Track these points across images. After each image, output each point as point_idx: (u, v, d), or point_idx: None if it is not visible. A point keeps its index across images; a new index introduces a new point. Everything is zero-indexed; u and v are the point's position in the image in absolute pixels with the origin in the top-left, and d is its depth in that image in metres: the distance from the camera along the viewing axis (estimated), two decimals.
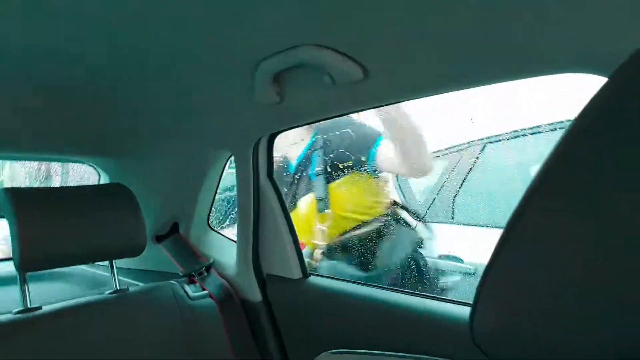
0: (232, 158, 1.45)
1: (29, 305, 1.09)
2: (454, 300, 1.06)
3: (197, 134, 1.37)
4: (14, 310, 1.07)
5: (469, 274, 1.97)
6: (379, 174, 1.66)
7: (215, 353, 1.27)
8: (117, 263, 1.29)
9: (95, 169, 1.67)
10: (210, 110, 1.27)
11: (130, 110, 1.31)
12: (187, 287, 1.33)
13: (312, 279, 1.33)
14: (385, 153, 1.58)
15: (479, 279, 0.48)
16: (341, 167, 1.65)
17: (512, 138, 2.05)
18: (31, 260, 1.05)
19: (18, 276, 1.11)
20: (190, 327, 1.24)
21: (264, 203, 1.34)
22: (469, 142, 2.26)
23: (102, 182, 1.67)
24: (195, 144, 1.41)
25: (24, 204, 1.07)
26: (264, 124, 1.23)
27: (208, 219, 1.60)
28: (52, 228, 1.08)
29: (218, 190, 1.58)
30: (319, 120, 1.20)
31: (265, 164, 1.32)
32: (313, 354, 1.22)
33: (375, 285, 1.23)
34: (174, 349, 1.20)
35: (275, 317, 1.34)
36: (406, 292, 1.15)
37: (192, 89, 1.19)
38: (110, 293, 1.23)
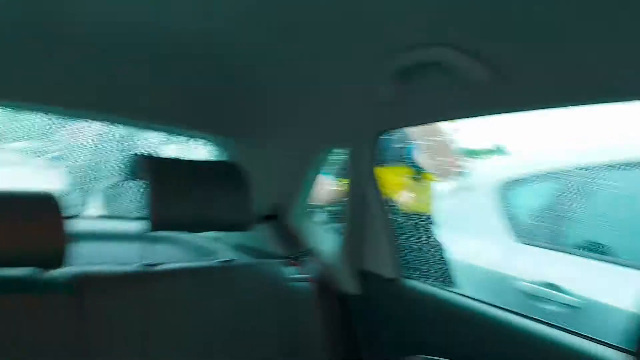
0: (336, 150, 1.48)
1: (149, 262, 1.20)
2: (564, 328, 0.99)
3: (313, 124, 1.42)
4: (136, 264, 1.19)
5: (573, 306, 1.82)
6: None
7: (306, 335, 1.30)
8: (224, 237, 1.38)
9: (212, 146, 1.79)
10: (330, 103, 1.31)
11: (254, 93, 1.38)
12: (287, 269, 1.38)
13: (407, 281, 1.32)
14: (419, 153, 1.89)
15: (585, 314, 0.43)
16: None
17: None
18: (159, 221, 1.15)
19: (143, 234, 1.22)
20: (286, 306, 1.29)
21: (367, 199, 1.35)
22: (590, 165, 2.08)
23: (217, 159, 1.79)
24: (310, 134, 1.46)
25: (157, 170, 1.18)
26: (381, 121, 1.23)
27: (309, 207, 1.65)
28: (179, 195, 1.18)
29: None
30: (439, 121, 1.18)
31: (372, 161, 1.33)
32: (401, 354, 1.21)
33: (472, 298, 1.19)
34: (268, 323, 1.25)
35: (367, 312, 1.35)
36: (508, 310, 1.10)
37: (316, 79, 1.24)
38: (219, 262, 1.32)
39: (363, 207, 1.36)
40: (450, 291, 1.25)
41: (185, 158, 1.95)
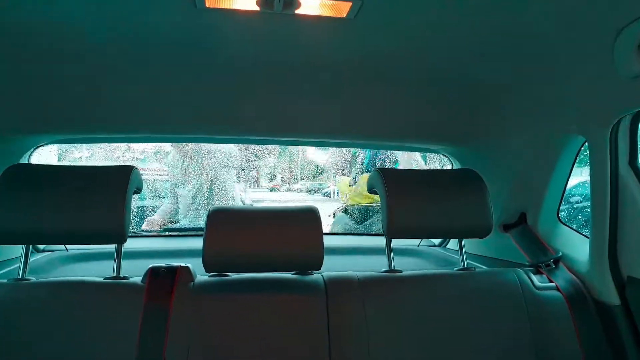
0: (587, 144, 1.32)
1: (392, 267, 1.31)
2: None
3: (546, 118, 1.32)
4: (382, 270, 1.31)
5: None
6: None
7: (559, 347, 1.20)
8: (465, 248, 1.39)
9: (447, 157, 1.83)
10: (560, 91, 1.20)
11: (480, 98, 1.38)
12: (533, 276, 1.30)
13: None
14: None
15: None
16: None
17: None
18: (395, 228, 1.26)
19: (385, 242, 1.35)
20: (534, 315, 1.22)
21: (625, 194, 1.17)
22: None
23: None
24: (544, 130, 1.36)
25: (392, 181, 1.29)
26: (625, 102, 1.07)
27: (558, 211, 1.51)
28: (413, 203, 1.26)
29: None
30: None
31: (627, 150, 1.15)
32: None
33: None
34: (514, 332, 1.20)
35: (632, 325, 1.15)
36: None
37: (541, 68, 1.16)
38: (458, 269, 1.34)
39: (617, 205, 1.18)
40: None
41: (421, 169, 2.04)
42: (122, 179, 1.17)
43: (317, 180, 3.84)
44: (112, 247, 1.26)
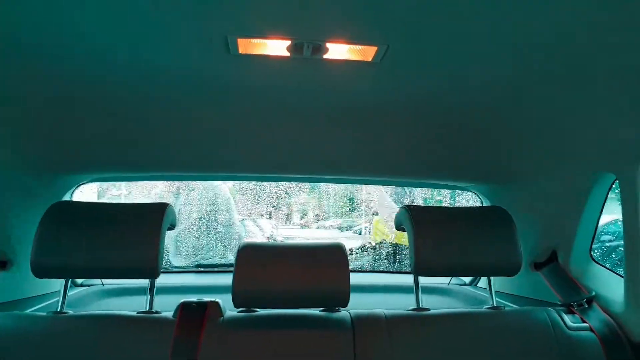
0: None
1: (420, 306, 1.31)
2: None
3: (576, 155, 1.32)
4: (410, 308, 1.31)
5: None
6: None
7: None
8: (495, 286, 1.37)
9: (477, 194, 1.83)
10: (588, 129, 1.21)
11: (508, 137, 1.39)
12: (565, 316, 1.28)
13: None
14: None
15: None
16: None
17: None
18: (423, 265, 1.26)
19: (414, 280, 1.35)
20: (566, 357, 1.18)
21: None
22: None
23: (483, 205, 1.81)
24: (573, 167, 1.36)
25: (420, 218, 1.30)
26: None
27: (590, 249, 1.48)
28: (441, 240, 1.27)
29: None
30: None
31: None
32: None
33: None
34: None
35: None
36: None
37: (567, 105, 1.17)
38: (487, 308, 1.33)
39: None
40: None
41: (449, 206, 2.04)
42: (157, 216, 1.22)
43: (348, 217, 3.84)
44: (145, 282, 1.30)
